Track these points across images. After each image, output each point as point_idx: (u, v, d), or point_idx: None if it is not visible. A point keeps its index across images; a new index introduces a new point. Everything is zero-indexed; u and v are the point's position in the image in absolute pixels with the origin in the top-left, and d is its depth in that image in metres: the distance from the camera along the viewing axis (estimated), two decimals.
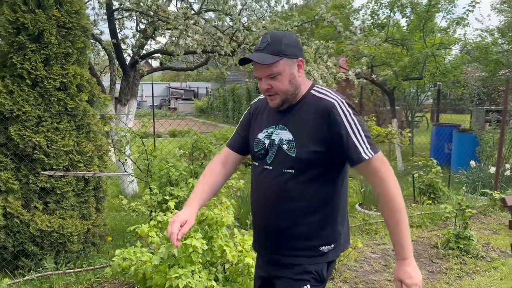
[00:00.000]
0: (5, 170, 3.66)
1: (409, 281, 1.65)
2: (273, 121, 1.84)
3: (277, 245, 1.84)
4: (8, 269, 3.68)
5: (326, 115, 1.69)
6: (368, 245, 4.66)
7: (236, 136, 2.01)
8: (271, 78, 1.72)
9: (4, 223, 3.64)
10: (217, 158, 2.01)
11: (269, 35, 1.75)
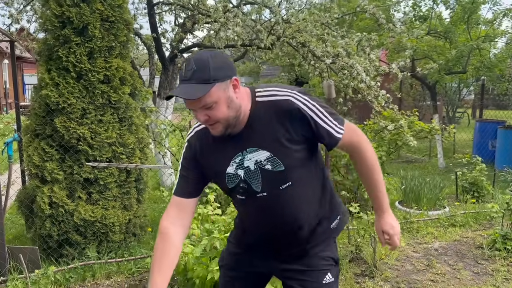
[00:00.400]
0: (50, 160, 3.77)
1: (392, 231, 1.78)
2: (235, 149, 1.66)
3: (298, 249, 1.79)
4: (53, 257, 3.79)
5: (287, 114, 1.59)
6: (410, 244, 4.53)
7: (184, 180, 1.74)
8: (207, 109, 1.54)
9: (50, 212, 3.75)
10: (166, 221, 1.70)
11: (193, 60, 1.52)
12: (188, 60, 1.54)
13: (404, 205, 5.65)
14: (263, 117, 1.61)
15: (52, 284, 3.47)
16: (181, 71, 1.54)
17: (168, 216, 1.71)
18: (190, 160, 1.73)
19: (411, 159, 9.64)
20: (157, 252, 1.67)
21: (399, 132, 5.14)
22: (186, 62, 1.55)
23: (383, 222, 1.80)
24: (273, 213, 1.70)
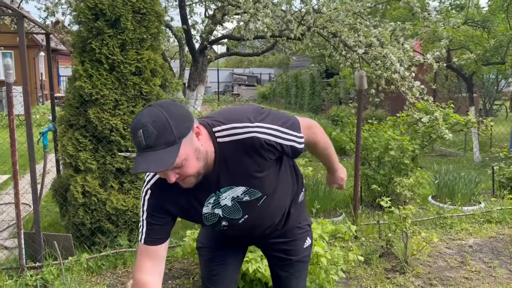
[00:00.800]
0: (84, 150, 3.85)
1: (342, 182, 2.12)
2: (207, 191, 1.63)
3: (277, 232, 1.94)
4: (86, 244, 3.89)
5: (255, 150, 1.55)
6: (443, 240, 4.41)
7: (153, 229, 1.62)
8: (177, 168, 1.44)
9: (83, 201, 3.84)
10: (140, 273, 1.60)
11: (150, 124, 1.36)
12: (143, 125, 1.36)
13: (437, 200, 5.50)
14: (230, 157, 1.56)
15: (84, 270, 3.57)
16: (136, 138, 1.37)
17: (142, 267, 1.60)
18: (157, 208, 1.62)
19: (446, 153, 9.37)
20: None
21: (433, 125, 4.99)
22: (141, 128, 1.36)
23: (335, 177, 2.10)
24: (253, 224, 1.79)
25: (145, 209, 1.63)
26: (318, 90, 17.42)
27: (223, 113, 1.65)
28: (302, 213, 2.02)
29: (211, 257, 1.98)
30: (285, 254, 1.97)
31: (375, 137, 5.20)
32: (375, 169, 5.20)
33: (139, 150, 1.39)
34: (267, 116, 1.59)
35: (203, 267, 2.03)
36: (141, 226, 1.64)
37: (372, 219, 4.77)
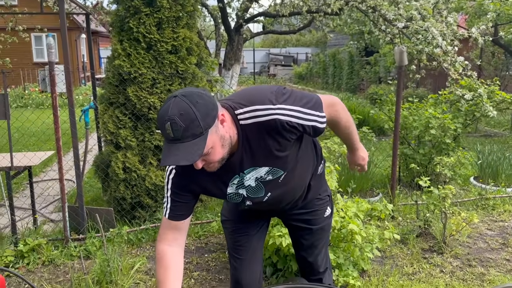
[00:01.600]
0: (124, 128, 3.96)
1: (363, 162, 2.07)
2: (230, 173, 1.66)
3: (299, 204, 1.99)
4: (126, 218, 4.04)
5: (277, 131, 1.56)
6: (484, 221, 4.27)
7: (177, 205, 1.67)
8: (203, 156, 1.46)
9: (124, 177, 3.98)
10: (163, 244, 1.67)
11: (177, 117, 1.36)
12: (170, 118, 1.37)
13: (479, 181, 5.31)
14: (253, 139, 1.58)
15: (125, 243, 3.71)
16: (164, 130, 1.39)
17: (164, 239, 1.68)
18: (181, 187, 1.67)
19: (490, 133, 8.98)
20: (159, 281, 1.63)
21: (477, 103, 4.79)
22: (168, 121, 1.37)
23: (357, 157, 2.06)
24: (276, 201, 1.83)
25: (169, 187, 1.68)
26: (356, 69, 17.03)
27: (244, 94, 1.65)
28: (322, 185, 2.06)
29: (235, 229, 2.04)
30: (305, 224, 2.04)
31: (415, 115, 5.05)
32: (414, 149, 5.06)
33: (167, 140, 1.41)
34: (289, 96, 1.58)
35: (228, 239, 2.09)
36: (165, 202, 1.70)
37: (410, 199, 4.67)
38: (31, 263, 3.39)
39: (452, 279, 3.21)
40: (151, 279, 3.22)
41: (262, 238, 2.10)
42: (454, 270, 3.33)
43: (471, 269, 3.35)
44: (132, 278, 3.16)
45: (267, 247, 3.02)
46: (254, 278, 2.03)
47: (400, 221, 4.20)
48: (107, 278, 3.04)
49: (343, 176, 4.92)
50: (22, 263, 3.40)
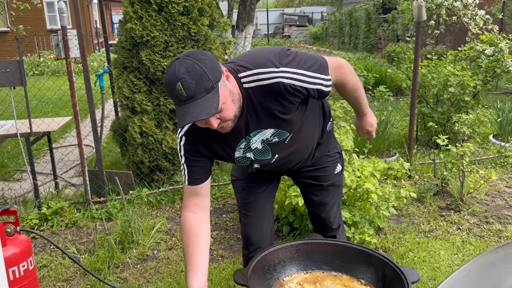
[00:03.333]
0: (139, 92, 3.97)
1: (370, 128, 2.03)
2: (236, 137, 1.67)
3: (309, 162, 1.98)
4: (146, 181, 4.12)
5: (280, 94, 1.55)
6: (503, 179, 4.23)
7: (192, 169, 1.70)
8: (217, 113, 1.45)
9: (141, 141, 4.03)
10: (188, 211, 1.70)
11: (186, 75, 1.36)
12: (179, 77, 1.36)
13: (499, 138, 5.22)
14: (257, 101, 1.57)
15: (145, 205, 3.81)
16: (174, 92, 1.38)
17: (187, 206, 1.71)
18: (192, 152, 1.69)
19: (511, 90, 8.75)
20: (183, 247, 1.66)
21: (498, 58, 4.63)
22: (178, 81, 1.37)
23: (364, 122, 2.02)
24: (284, 162, 1.84)
25: (182, 153, 1.70)
26: (373, 28, 16.55)
27: (247, 56, 1.64)
28: (331, 142, 2.04)
29: (244, 187, 2.05)
30: (315, 180, 2.04)
31: (434, 73, 4.92)
32: (432, 107, 4.97)
33: (179, 102, 1.40)
34: (293, 59, 1.55)
35: (238, 197, 2.12)
36: (182, 169, 1.73)
37: (427, 158, 4.64)
38: (54, 226, 3.51)
39: (469, 236, 3.22)
40: (171, 239, 3.32)
41: (271, 196, 2.12)
42: (471, 227, 3.34)
43: (488, 226, 3.35)
44: (153, 237, 3.26)
45: (283, 207, 3.06)
46: (263, 234, 2.06)
47: (417, 180, 4.19)
48: (128, 238, 3.14)
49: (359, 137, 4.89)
50: (46, 225, 3.52)
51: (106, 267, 2.90)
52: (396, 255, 2.98)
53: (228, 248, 3.17)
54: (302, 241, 1.69)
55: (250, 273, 1.47)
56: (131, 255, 3.06)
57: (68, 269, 2.96)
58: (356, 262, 1.61)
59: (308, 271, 1.65)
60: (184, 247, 1.66)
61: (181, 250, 3.14)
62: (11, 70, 3.26)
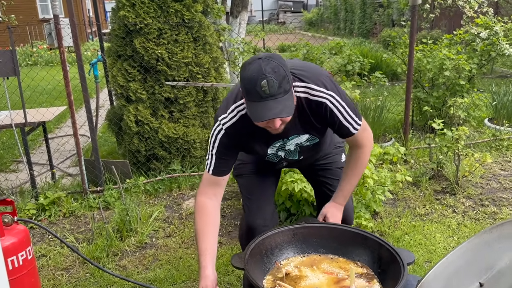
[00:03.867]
0: (133, 81, 3.95)
1: (332, 220, 1.93)
2: (276, 137, 1.81)
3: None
4: (142, 170, 4.12)
5: (321, 113, 1.75)
6: (498, 162, 4.26)
7: (220, 162, 1.80)
8: None
9: (137, 130, 4.02)
10: (204, 196, 1.81)
11: (271, 74, 1.49)
12: (265, 76, 1.49)
13: (494, 122, 5.24)
14: (302, 109, 1.74)
15: (143, 193, 3.81)
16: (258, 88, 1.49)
17: (204, 192, 1.81)
18: (228, 146, 1.79)
19: (506, 74, 8.75)
20: (199, 229, 1.75)
21: (493, 42, 4.62)
22: (265, 78, 1.49)
23: (334, 213, 1.96)
24: (304, 159, 2.00)
25: (216, 145, 1.79)
26: (369, 13, 16.45)
27: (300, 67, 1.78)
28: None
29: (254, 172, 2.13)
30: (325, 166, 2.17)
31: (429, 57, 4.92)
32: (428, 92, 4.97)
33: (259, 98, 1.51)
34: (338, 89, 1.76)
35: (244, 180, 2.17)
36: (209, 158, 1.82)
37: (423, 143, 4.66)
38: (52, 215, 3.52)
39: (464, 219, 3.25)
40: (169, 226, 3.33)
41: (275, 184, 2.24)
42: (467, 210, 3.37)
43: (483, 208, 3.39)
44: (151, 225, 3.28)
45: (280, 193, 3.08)
46: (266, 217, 2.09)
47: (412, 165, 4.21)
48: (126, 226, 3.15)
49: None
50: (44, 215, 3.53)
51: (105, 256, 2.91)
52: (392, 238, 3.01)
53: (226, 235, 3.19)
54: (299, 225, 1.71)
55: (248, 257, 1.48)
56: (129, 243, 3.08)
57: (67, 258, 2.97)
58: (352, 245, 1.63)
59: (305, 255, 1.67)
60: (199, 230, 1.74)
61: (179, 238, 3.16)
62: (4, 60, 3.23)
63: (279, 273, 1.56)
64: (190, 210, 3.56)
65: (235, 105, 1.75)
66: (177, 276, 2.70)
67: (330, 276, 1.52)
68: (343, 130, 1.80)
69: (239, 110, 1.74)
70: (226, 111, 1.76)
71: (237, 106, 1.74)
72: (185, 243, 3.10)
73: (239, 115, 1.74)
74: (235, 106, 1.74)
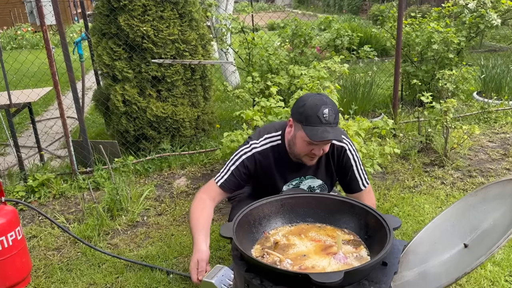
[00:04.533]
0: (119, 59, 3.89)
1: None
2: (295, 174, 2.00)
3: None
4: (132, 150, 4.09)
5: (340, 158, 1.99)
6: (486, 134, 4.29)
7: (232, 179, 1.97)
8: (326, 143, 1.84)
9: (124, 110, 3.98)
10: (205, 195, 1.96)
11: (332, 106, 1.77)
12: (328, 106, 1.76)
13: (482, 95, 5.27)
14: (324, 154, 1.93)
15: (132, 173, 3.80)
16: (320, 113, 1.75)
17: (207, 193, 1.97)
18: (248, 169, 1.96)
19: (495, 48, 8.76)
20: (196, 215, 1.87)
21: (481, 14, 4.60)
22: (327, 107, 1.76)
23: None
24: None
25: (238, 163, 1.96)
26: None
27: None
28: None
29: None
30: None
31: (418, 31, 4.89)
32: (417, 66, 4.97)
33: (320, 123, 1.76)
34: (354, 144, 2.06)
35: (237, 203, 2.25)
36: (224, 171, 1.98)
37: (412, 117, 4.67)
38: (42, 197, 3.49)
39: (452, 190, 3.29)
40: (160, 205, 3.33)
41: None
42: (455, 181, 3.41)
43: (471, 179, 3.42)
44: (142, 204, 3.27)
45: None
46: None
47: (401, 138, 4.23)
48: (117, 205, 3.14)
49: (345, 98, 4.88)
50: (33, 197, 3.51)
51: (96, 235, 2.91)
52: (381, 210, 3.03)
53: (217, 211, 3.20)
54: (287, 196, 1.71)
55: (236, 227, 1.49)
56: (120, 222, 3.08)
57: (58, 238, 2.96)
58: (340, 213, 1.64)
59: (293, 224, 1.68)
60: (195, 216, 1.86)
61: (170, 216, 3.17)
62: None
63: (267, 242, 1.56)
64: (181, 189, 3.56)
65: (268, 136, 1.97)
66: (169, 252, 2.71)
67: (318, 243, 1.54)
68: (353, 183, 2.01)
69: (271, 141, 1.97)
70: (259, 139, 1.98)
71: (270, 137, 1.97)
72: (176, 220, 3.11)
73: (269, 145, 1.95)
74: (268, 136, 1.97)
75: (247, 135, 3.17)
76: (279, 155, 1.93)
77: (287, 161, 1.95)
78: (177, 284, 2.39)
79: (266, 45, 4.63)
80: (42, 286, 2.46)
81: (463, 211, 1.45)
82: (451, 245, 1.31)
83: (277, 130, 1.99)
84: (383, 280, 1.31)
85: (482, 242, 1.21)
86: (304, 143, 1.82)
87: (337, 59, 3.94)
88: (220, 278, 1.59)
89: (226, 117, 5.15)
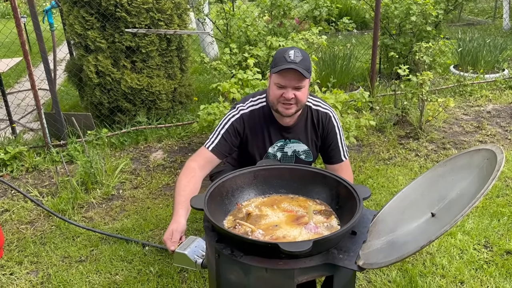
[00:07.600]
0: (92, 29, 3.76)
1: None
2: (279, 136, 2.05)
3: None
4: (106, 122, 4.02)
5: (325, 124, 2.06)
6: (461, 107, 4.36)
7: (223, 143, 1.99)
8: (297, 89, 1.87)
9: (98, 81, 3.88)
10: (195, 163, 1.94)
11: (300, 52, 1.84)
12: (295, 49, 1.83)
13: (459, 69, 5.32)
14: (310, 120, 2.04)
15: (108, 146, 3.73)
16: (286, 54, 1.82)
17: (196, 161, 1.96)
18: (237, 131, 2.00)
19: (473, 21, 8.82)
20: (181, 185, 1.84)
21: None
22: (293, 50, 1.82)
23: None
24: None
25: (226, 126, 2.00)
26: None
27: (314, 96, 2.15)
28: None
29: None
30: None
31: (397, 3, 4.86)
32: (395, 39, 4.96)
33: (285, 61, 1.81)
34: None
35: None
36: (214, 136, 2.00)
37: (389, 90, 4.70)
38: (14, 171, 3.42)
39: (426, 162, 3.34)
40: (136, 178, 3.30)
41: None
42: (429, 153, 3.46)
43: (445, 151, 3.49)
44: (117, 177, 3.24)
45: None
46: None
47: (378, 111, 4.26)
48: (91, 179, 3.10)
49: (324, 71, 4.87)
50: (6, 171, 3.43)
51: (70, 208, 2.87)
52: (356, 182, 3.08)
53: None
54: (260, 167, 1.71)
55: (208, 198, 1.48)
56: (95, 195, 3.04)
57: (31, 212, 2.92)
58: (312, 184, 1.64)
59: (266, 195, 1.68)
60: (181, 185, 1.83)
61: (147, 189, 3.14)
62: None
63: (240, 214, 1.56)
64: (157, 162, 3.53)
65: (254, 99, 2.04)
66: (144, 225, 2.70)
67: (290, 214, 1.54)
68: (335, 153, 2.07)
69: (257, 103, 2.02)
70: (245, 102, 2.04)
71: (255, 100, 2.03)
72: (152, 193, 3.09)
73: (256, 107, 2.01)
74: (254, 99, 2.03)
75: (224, 108, 3.14)
76: (264, 116, 2.00)
77: (273, 122, 2.01)
78: (152, 256, 2.39)
79: (245, 16, 4.55)
80: (15, 259, 2.43)
81: (432, 181, 1.47)
82: (419, 214, 1.34)
83: (262, 93, 2.07)
84: (352, 249, 1.33)
85: (449, 211, 1.23)
86: (274, 88, 1.87)
87: (315, 30, 3.90)
88: (193, 249, 1.59)
89: (204, 90, 5.08)
